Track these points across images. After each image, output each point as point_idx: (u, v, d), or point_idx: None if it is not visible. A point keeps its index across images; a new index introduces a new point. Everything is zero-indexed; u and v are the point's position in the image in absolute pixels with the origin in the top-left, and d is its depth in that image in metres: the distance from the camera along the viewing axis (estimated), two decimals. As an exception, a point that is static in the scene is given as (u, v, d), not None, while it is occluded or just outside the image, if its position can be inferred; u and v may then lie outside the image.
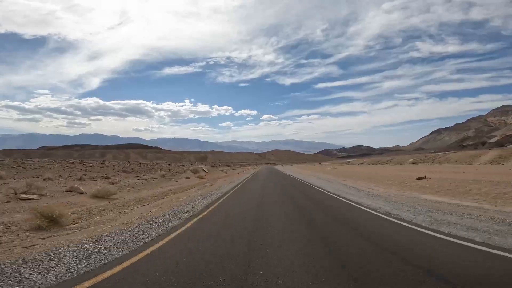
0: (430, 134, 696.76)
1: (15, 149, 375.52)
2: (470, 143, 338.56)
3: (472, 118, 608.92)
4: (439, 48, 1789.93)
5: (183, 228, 6.41)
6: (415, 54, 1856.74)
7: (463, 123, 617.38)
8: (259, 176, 33.79)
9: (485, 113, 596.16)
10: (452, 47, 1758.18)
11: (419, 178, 16.35)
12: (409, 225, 6.27)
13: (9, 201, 10.18)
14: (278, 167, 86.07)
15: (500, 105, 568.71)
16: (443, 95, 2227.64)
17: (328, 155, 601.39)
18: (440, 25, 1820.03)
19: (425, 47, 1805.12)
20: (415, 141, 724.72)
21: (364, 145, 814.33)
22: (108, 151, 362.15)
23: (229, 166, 76.24)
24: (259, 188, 17.79)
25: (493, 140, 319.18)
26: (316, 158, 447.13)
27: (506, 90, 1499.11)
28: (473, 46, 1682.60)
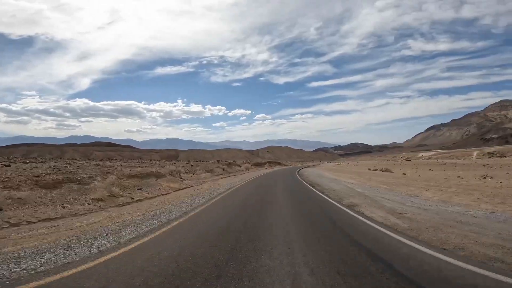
0: (426, 130, 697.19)
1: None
2: (493, 136, 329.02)
3: (470, 114, 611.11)
4: (430, 46, 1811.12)
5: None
6: (406, 52, 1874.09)
7: (460, 118, 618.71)
8: None
9: (478, 109, 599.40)
10: (443, 45, 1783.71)
11: None
12: None
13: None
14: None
15: (498, 100, 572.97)
16: (434, 93, 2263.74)
17: (325, 153, 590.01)
18: (431, 23, 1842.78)
19: (417, 45, 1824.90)
20: (410, 138, 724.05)
21: (360, 142, 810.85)
22: (38, 149, 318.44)
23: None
24: None
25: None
26: (320, 156, 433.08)
27: (496, 87, 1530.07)
28: (463, 44, 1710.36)
